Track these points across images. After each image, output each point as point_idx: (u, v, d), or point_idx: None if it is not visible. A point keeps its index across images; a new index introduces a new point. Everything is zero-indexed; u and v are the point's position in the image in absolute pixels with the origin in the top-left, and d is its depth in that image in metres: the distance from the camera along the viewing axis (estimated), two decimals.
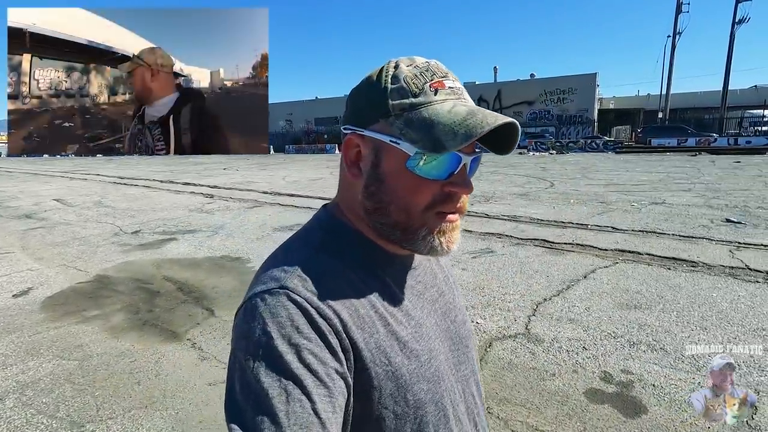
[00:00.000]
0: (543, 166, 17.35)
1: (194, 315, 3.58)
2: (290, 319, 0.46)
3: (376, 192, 0.55)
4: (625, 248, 5.07)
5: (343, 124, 0.57)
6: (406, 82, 0.53)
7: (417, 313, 0.59)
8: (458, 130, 0.49)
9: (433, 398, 0.55)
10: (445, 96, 0.53)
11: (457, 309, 0.68)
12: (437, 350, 0.59)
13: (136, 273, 4.76)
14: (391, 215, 0.55)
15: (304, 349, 0.45)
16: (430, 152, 0.50)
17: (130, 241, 6.27)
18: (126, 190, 12.99)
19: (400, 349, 0.53)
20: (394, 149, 0.52)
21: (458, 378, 0.62)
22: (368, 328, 0.51)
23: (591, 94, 36.76)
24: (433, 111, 0.51)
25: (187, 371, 2.70)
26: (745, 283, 3.87)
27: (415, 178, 0.53)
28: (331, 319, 0.48)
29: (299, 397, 0.43)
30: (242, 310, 0.50)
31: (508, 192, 10.20)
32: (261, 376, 0.44)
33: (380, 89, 0.53)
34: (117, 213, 8.83)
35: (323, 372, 0.45)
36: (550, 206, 8.08)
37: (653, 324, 3.13)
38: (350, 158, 0.57)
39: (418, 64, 0.54)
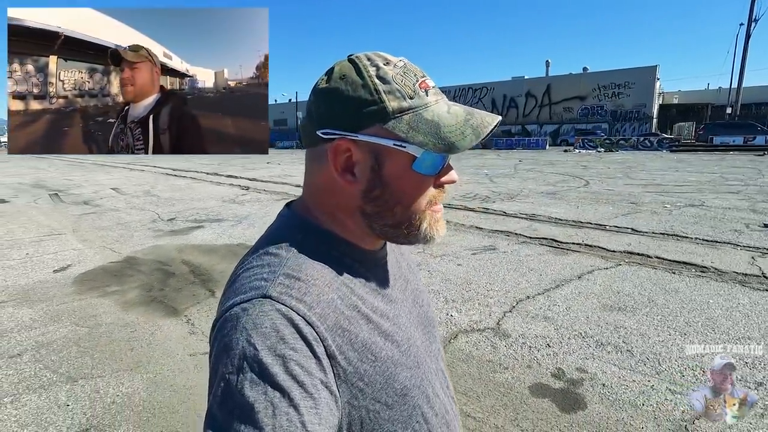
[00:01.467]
0: (585, 165, 16.60)
1: (197, 295, 3.94)
2: (275, 329, 0.45)
3: (380, 195, 0.54)
4: (634, 251, 4.87)
5: (321, 126, 0.54)
6: (398, 83, 0.52)
7: (395, 303, 0.61)
8: (465, 131, 0.52)
9: (416, 382, 0.58)
10: (435, 96, 0.54)
11: (422, 292, 0.71)
12: (414, 337, 0.61)
13: (160, 256, 5.24)
14: (396, 215, 0.55)
15: (290, 359, 0.44)
16: (443, 152, 0.52)
17: (164, 228, 6.86)
18: (174, 181, 14.01)
19: (383, 343, 0.54)
20: (396, 152, 0.52)
21: (431, 357, 0.65)
22: (353, 328, 0.51)
23: (650, 88, 34.41)
24: (433, 113, 0.52)
25: (175, 342, 3.02)
26: (752, 291, 3.63)
27: (419, 177, 0.54)
28: (317, 326, 0.48)
29: (286, 410, 0.42)
30: (222, 322, 0.48)
31: (537, 190, 9.94)
32: (246, 389, 0.42)
33: (370, 90, 0.52)
34: (160, 202, 9.62)
35: (310, 383, 0.44)
36: (575, 206, 7.82)
37: (630, 327, 3.06)
38: (341, 164, 0.54)
39: (396, 63, 0.54)
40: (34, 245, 5.82)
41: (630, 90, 35.24)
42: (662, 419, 2.11)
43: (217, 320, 0.49)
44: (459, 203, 8.36)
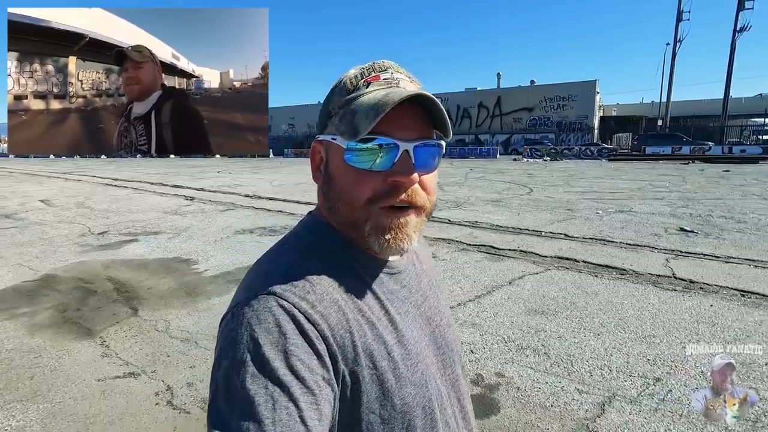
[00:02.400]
0: (531, 173, 17.36)
1: (118, 314, 3.70)
2: (278, 325, 0.46)
3: (328, 191, 0.57)
4: (564, 255, 5.11)
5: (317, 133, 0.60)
6: (345, 83, 0.55)
7: (402, 317, 0.58)
8: (369, 113, 0.50)
9: (420, 402, 0.55)
10: (378, 87, 0.53)
11: (441, 313, 0.68)
12: (423, 354, 0.59)
13: (83, 273, 4.90)
14: (340, 212, 0.56)
15: (292, 355, 0.45)
16: (349, 139, 0.52)
17: (93, 242, 6.43)
18: (113, 192, 13.23)
19: (387, 353, 0.53)
20: (334, 146, 0.55)
21: (444, 381, 0.62)
22: (356, 331, 0.51)
23: (591, 101, 36.67)
24: (359, 101, 0.52)
25: (82, 367, 2.81)
26: (662, 291, 3.90)
27: (355, 171, 0.53)
28: (319, 324, 0.48)
29: (286, 404, 0.42)
30: (229, 316, 0.50)
31: (483, 198, 10.26)
32: (247, 382, 0.43)
33: (328, 94, 0.57)
34: (94, 214, 9.03)
35: (311, 379, 0.45)
36: (516, 213, 8.13)
37: (550, 330, 3.19)
38: (315, 164, 0.60)
39: (365, 65, 0.57)
40: None
41: (573, 102, 37.37)
42: (567, 419, 2.19)
43: (226, 314, 0.51)
44: None
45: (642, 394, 2.37)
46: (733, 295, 3.80)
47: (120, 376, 2.70)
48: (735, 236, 5.91)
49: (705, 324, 3.23)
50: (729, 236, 5.91)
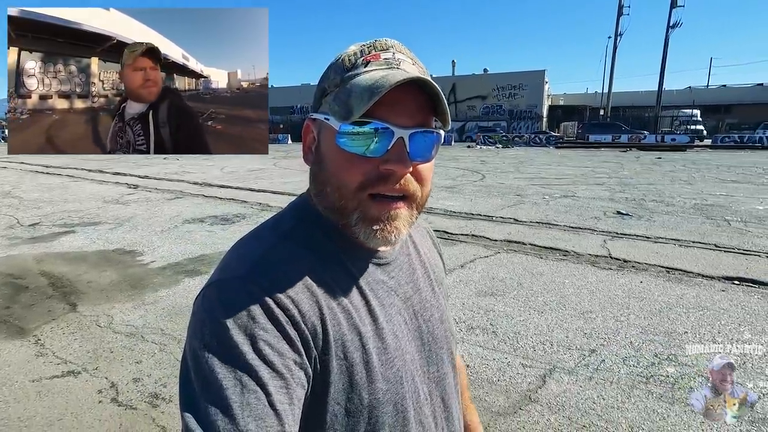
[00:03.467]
0: (484, 160, 17.88)
1: (54, 310, 3.46)
2: (246, 309, 0.45)
3: (317, 173, 0.54)
4: (513, 239, 5.36)
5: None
6: (343, 60, 0.52)
7: (385, 309, 0.56)
8: (364, 94, 0.47)
9: (392, 399, 0.53)
10: (377, 66, 0.50)
11: (434, 307, 0.64)
12: (402, 349, 0.56)
13: (13, 267, 4.52)
14: (328, 197, 0.53)
15: (260, 339, 0.44)
16: (341, 120, 0.49)
17: (22, 235, 5.94)
18: (45, 180, 12.20)
19: (360, 345, 0.51)
20: (328, 127, 0.51)
21: (426, 379, 0.59)
22: (329, 319, 0.49)
23: (540, 90, 38.09)
24: (355, 81, 0.49)
25: (15, 368, 2.62)
26: (599, 270, 4.21)
27: (346, 155, 0.50)
28: (289, 309, 0.46)
29: (254, 388, 0.42)
30: (199, 299, 0.49)
31: (438, 184, 10.45)
32: (215, 366, 0.43)
33: (324, 72, 0.54)
34: (22, 204, 8.30)
35: (280, 363, 0.44)
36: (469, 199, 8.37)
37: (498, 309, 3.36)
38: (307, 144, 0.56)
39: (367, 42, 0.53)
40: None
41: (524, 91, 38.66)
42: (512, 392, 2.34)
43: (197, 297, 0.50)
44: None
45: (578, 365, 2.57)
46: (660, 271, 4.17)
47: (58, 376, 2.55)
48: (664, 218, 6.44)
49: (635, 299, 3.52)
50: (659, 218, 6.43)
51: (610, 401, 2.24)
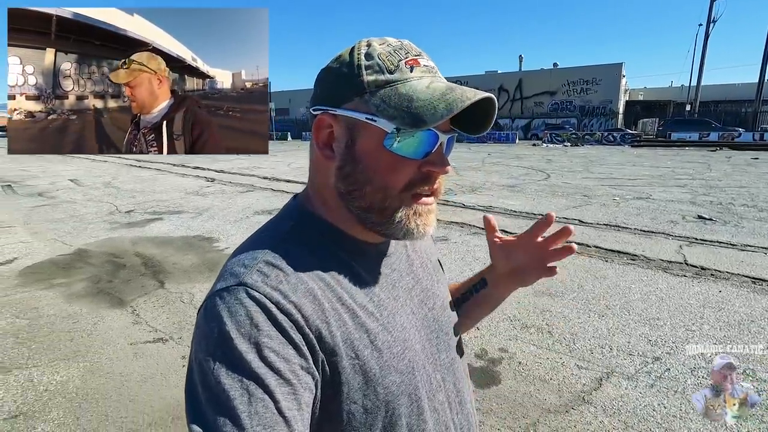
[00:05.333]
0: (550, 159, 17.12)
1: (146, 286, 3.95)
2: (249, 316, 0.45)
3: (351, 173, 0.53)
4: (575, 241, 5.15)
5: (312, 105, 0.55)
6: (381, 59, 0.51)
7: (390, 302, 0.57)
8: (438, 105, 0.48)
9: (406, 390, 0.54)
10: (421, 73, 0.51)
11: (437, 295, 0.66)
12: (412, 340, 0.57)
13: (113, 248, 5.19)
14: (367, 197, 0.53)
15: (265, 347, 0.44)
16: (410, 128, 0.49)
17: (121, 220, 6.75)
18: (138, 173, 13.66)
19: (369, 342, 0.52)
20: (370, 127, 0.50)
21: (437, 367, 0.61)
22: (334, 321, 0.50)
23: (616, 84, 35.52)
24: (410, 87, 0.50)
25: (116, 332, 3.06)
26: (672, 277, 3.94)
27: (392, 156, 0.51)
28: (293, 314, 0.47)
29: (261, 396, 0.42)
30: (202, 310, 0.49)
31: (499, 183, 10.24)
32: (222, 377, 0.43)
33: (353, 67, 0.51)
34: (120, 194, 9.40)
35: (286, 369, 0.44)
36: (532, 198, 8.13)
37: (555, 310, 3.29)
38: (322, 139, 0.54)
39: (391, 43, 0.53)
40: None
41: (597, 86, 36.28)
42: (564, 391, 2.32)
43: (201, 307, 0.50)
44: None
45: (640, 372, 2.47)
46: (744, 281, 3.81)
47: (150, 341, 2.93)
48: (755, 225, 5.82)
49: (711, 309, 3.27)
50: (748, 224, 5.82)
51: (673, 410, 2.14)
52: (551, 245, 0.71)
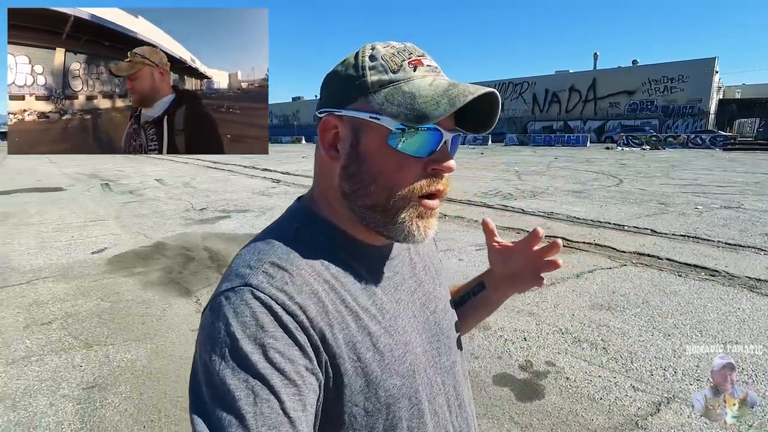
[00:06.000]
0: (624, 163, 15.90)
1: (210, 278, 4.27)
2: (254, 317, 0.45)
3: (356, 172, 0.53)
4: (645, 252, 4.74)
5: (319, 108, 0.56)
6: (385, 60, 0.52)
7: (392, 305, 0.57)
8: (440, 100, 0.48)
9: (407, 393, 0.54)
10: (425, 72, 0.52)
11: (438, 299, 0.66)
12: (413, 343, 0.57)
13: (186, 242, 5.67)
14: (371, 196, 0.53)
15: (271, 348, 0.44)
16: (413, 123, 0.49)
17: (194, 217, 7.36)
18: (213, 174, 14.80)
19: (372, 344, 0.52)
20: (374, 126, 0.51)
21: (438, 370, 0.61)
22: (337, 323, 0.50)
23: (706, 81, 32.13)
24: (413, 85, 0.50)
25: (181, 319, 3.34)
26: (759, 297, 3.48)
27: (397, 155, 0.51)
28: (298, 315, 0.47)
29: (267, 397, 0.42)
30: (208, 310, 0.49)
31: (563, 188, 9.71)
32: (227, 378, 0.43)
33: (358, 68, 0.52)
34: (196, 193, 10.25)
35: (291, 370, 0.44)
36: (599, 205, 7.61)
37: (613, 326, 3.05)
38: (327, 140, 0.55)
39: (395, 45, 0.54)
40: (80, 229, 6.45)
41: (684, 84, 33.09)
42: (615, 413, 2.14)
43: (206, 308, 0.50)
44: (479, 200, 8.35)
45: None
46: None
47: None
48: None
49: None
50: None
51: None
52: (544, 256, 0.70)
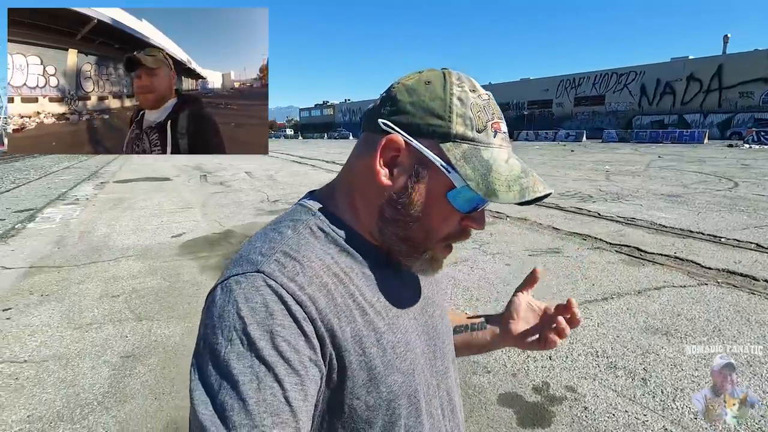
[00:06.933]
0: (747, 164, 13.51)
1: None
2: (265, 304, 0.46)
3: (404, 206, 0.53)
4: (738, 270, 3.97)
5: (387, 117, 0.53)
6: (473, 113, 0.52)
7: (396, 305, 0.58)
8: (512, 186, 0.50)
9: (407, 391, 0.55)
10: (501, 141, 0.53)
11: (436, 304, 0.67)
12: (413, 343, 0.58)
13: (251, 231, 6.12)
14: (409, 230, 0.54)
15: (278, 335, 0.45)
16: (482, 195, 0.50)
17: (266, 208, 7.92)
18: (296, 168, 15.77)
19: (376, 340, 0.53)
20: (439, 173, 0.51)
21: (434, 373, 0.62)
22: (345, 316, 0.51)
23: None
24: (492, 154, 0.51)
25: None
26: None
27: (448, 207, 0.53)
28: (307, 306, 0.48)
29: (271, 384, 0.43)
30: (218, 291, 0.49)
31: (658, 191, 8.56)
32: (232, 361, 0.43)
33: (445, 106, 0.51)
34: (275, 185, 11.01)
35: (296, 359, 0.45)
36: (695, 212, 6.57)
37: (665, 354, 2.61)
38: (386, 158, 0.54)
39: (482, 95, 0.54)
40: (170, 215, 7.32)
41: None
42: None
43: (214, 289, 0.50)
44: (552, 201, 7.73)
45: None
46: None
47: None
48: None
49: None
50: None
51: None
52: (559, 323, 0.69)
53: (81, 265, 4.60)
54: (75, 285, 4.00)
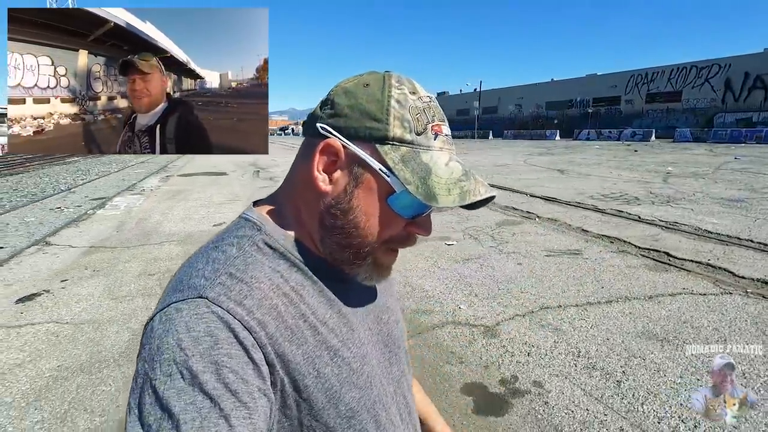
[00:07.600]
0: None
1: None
2: (209, 333, 0.42)
3: (343, 212, 0.51)
4: None
5: (324, 120, 0.51)
6: (411, 116, 0.50)
7: (351, 318, 0.56)
8: (452, 189, 0.49)
9: (365, 405, 0.54)
10: (442, 143, 0.52)
11: (390, 310, 0.66)
12: (370, 355, 0.57)
13: None
14: (350, 237, 0.52)
15: (224, 366, 0.41)
16: (422, 199, 0.48)
17: None
18: None
19: (330, 359, 0.51)
20: (380, 178, 0.50)
21: (390, 380, 0.61)
22: (296, 339, 0.48)
23: None
24: (431, 157, 0.50)
25: None
26: None
27: (388, 211, 0.51)
28: (256, 331, 0.45)
29: (216, 420, 0.39)
30: (156, 322, 0.44)
31: (718, 195, 7.84)
32: (172, 399, 0.39)
33: (382, 109, 0.49)
34: None
35: (244, 390, 0.42)
36: (752, 218, 5.98)
37: (652, 360, 2.51)
38: (323, 164, 0.51)
39: (422, 97, 0.52)
40: (217, 207, 7.95)
41: None
42: None
43: (151, 319, 0.45)
44: (591, 202, 7.39)
45: None
46: None
47: None
48: None
49: None
50: None
51: None
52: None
53: (131, 247, 5.21)
54: (122, 263, 4.56)
